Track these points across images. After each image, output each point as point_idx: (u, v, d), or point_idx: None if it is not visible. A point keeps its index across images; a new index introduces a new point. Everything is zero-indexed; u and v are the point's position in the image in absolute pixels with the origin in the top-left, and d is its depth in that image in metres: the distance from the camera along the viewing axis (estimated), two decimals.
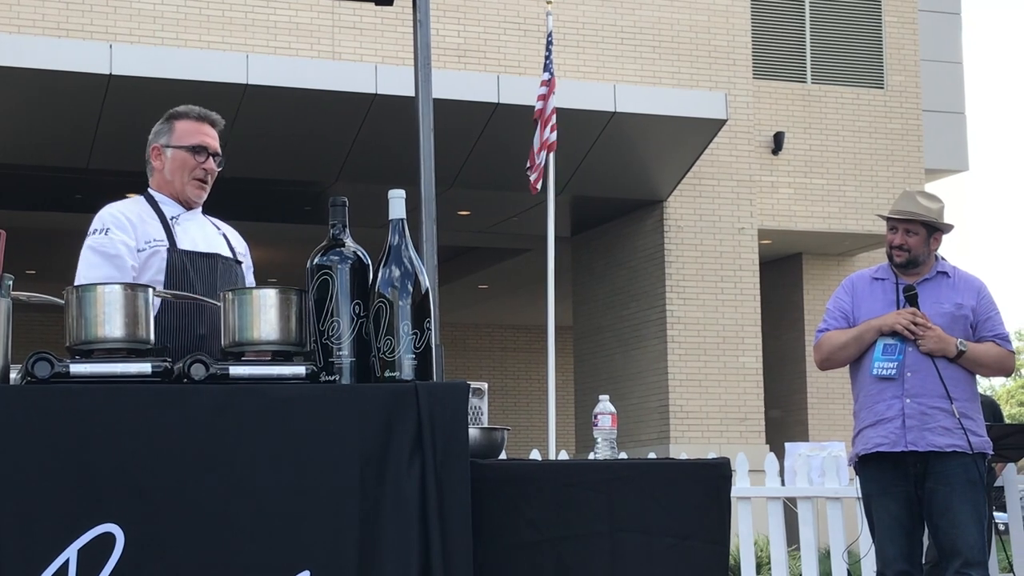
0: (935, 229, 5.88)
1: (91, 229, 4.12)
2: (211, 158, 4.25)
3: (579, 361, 17.97)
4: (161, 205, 4.21)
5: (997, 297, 5.99)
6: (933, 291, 5.87)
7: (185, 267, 4.10)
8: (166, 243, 4.11)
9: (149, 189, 4.28)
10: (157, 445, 2.75)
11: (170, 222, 4.17)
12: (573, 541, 3.00)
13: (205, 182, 4.25)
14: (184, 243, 4.16)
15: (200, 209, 4.30)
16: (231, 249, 4.28)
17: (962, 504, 5.66)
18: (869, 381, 5.83)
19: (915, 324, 5.72)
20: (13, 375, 2.93)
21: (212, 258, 4.17)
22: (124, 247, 4.05)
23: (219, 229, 4.32)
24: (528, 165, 11.81)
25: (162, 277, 4.05)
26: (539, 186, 11.78)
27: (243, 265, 4.32)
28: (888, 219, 5.93)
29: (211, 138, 4.26)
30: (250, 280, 4.39)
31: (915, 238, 5.86)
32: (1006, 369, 5.92)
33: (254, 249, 4.53)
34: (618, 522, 3.03)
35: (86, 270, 4.04)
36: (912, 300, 5.79)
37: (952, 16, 19.84)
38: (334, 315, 3.01)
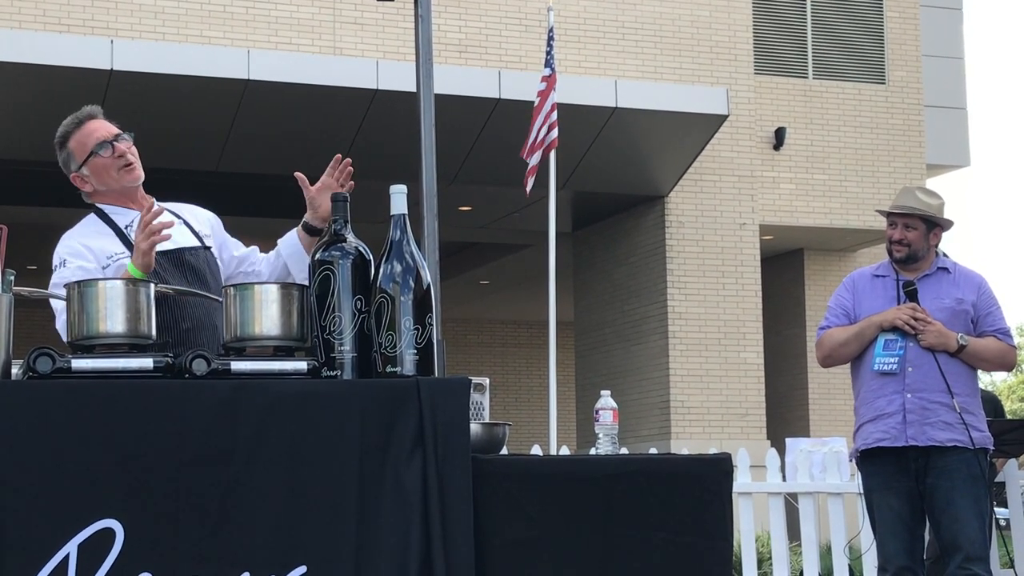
0: (934, 225, 5.90)
1: (53, 266, 4.03)
2: (117, 141, 4.13)
3: (580, 357, 17.96)
4: (112, 216, 4.13)
5: (998, 292, 6.00)
6: (933, 286, 5.88)
7: (153, 272, 3.97)
8: (127, 253, 4.01)
9: (96, 204, 4.16)
10: (158, 440, 2.75)
11: (125, 231, 4.09)
12: (574, 536, 3.00)
13: (130, 164, 4.14)
14: None
15: (154, 204, 4.04)
16: (195, 234, 4.18)
17: (963, 499, 5.66)
18: (870, 377, 5.83)
19: (915, 319, 5.73)
20: (15, 370, 2.93)
21: (176, 254, 4.07)
22: (83, 272, 3.94)
23: (179, 216, 4.18)
24: (526, 156, 11.39)
25: None
26: (529, 187, 11.38)
27: (212, 248, 4.21)
28: (888, 214, 5.95)
29: (102, 128, 4.15)
30: (233, 251, 4.31)
31: (914, 233, 5.88)
32: (1007, 364, 5.92)
33: (255, 245, 4.51)
34: (619, 518, 3.03)
35: (59, 306, 3.79)
36: (912, 295, 5.80)
37: (953, 11, 19.82)
38: (336, 310, 3.01)
